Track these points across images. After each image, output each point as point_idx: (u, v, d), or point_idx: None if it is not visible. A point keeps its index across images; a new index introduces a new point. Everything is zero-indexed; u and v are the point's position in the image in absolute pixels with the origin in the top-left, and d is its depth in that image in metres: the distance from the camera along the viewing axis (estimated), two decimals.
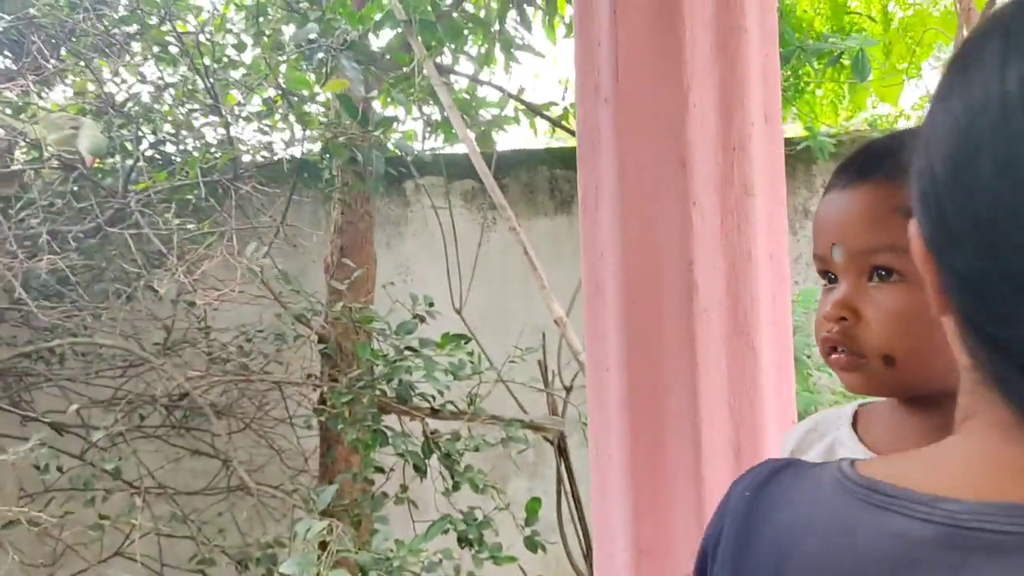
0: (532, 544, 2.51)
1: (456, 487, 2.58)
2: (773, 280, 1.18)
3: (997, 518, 0.47)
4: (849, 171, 0.83)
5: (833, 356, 0.84)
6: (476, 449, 2.58)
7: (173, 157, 2.97)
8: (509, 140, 7.18)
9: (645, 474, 1.17)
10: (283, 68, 2.97)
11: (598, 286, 1.22)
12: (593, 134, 1.22)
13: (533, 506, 2.56)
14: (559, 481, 3.26)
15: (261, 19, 3.03)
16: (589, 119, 1.23)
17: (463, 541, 2.47)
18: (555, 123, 4.19)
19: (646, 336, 1.17)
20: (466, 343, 2.59)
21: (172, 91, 2.91)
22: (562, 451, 3.27)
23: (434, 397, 2.87)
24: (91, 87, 2.87)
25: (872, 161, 0.82)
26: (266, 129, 3.10)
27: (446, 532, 2.48)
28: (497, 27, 3.50)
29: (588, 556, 3.17)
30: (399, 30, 3.16)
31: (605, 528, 1.23)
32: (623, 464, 1.19)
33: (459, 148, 4.06)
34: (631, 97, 1.17)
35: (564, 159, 3.89)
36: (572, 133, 4.63)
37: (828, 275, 0.86)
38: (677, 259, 1.15)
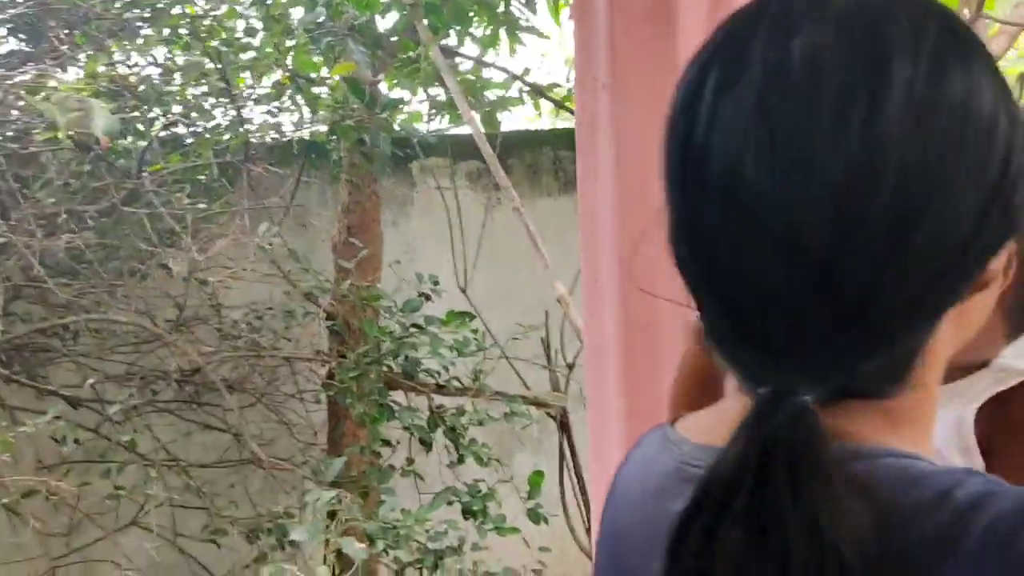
0: (535, 516, 2.59)
1: (461, 460, 2.66)
2: None
3: (698, 456, 0.56)
4: None
5: None
6: (480, 423, 2.66)
7: (186, 139, 3.04)
8: (514, 121, 7.22)
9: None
10: (292, 52, 3.03)
11: (595, 271, 1.28)
12: (592, 120, 1.28)
13: (536, 479, 2.64)
14: (561, 456, 3.34)
15: (270, 2, 3.09)
16: (588, 105, 1.29)
17: (467, 512, 2.56)
18: (559, 104, 4.24)
19: (642, 321, 1.23)
20: (471, 320, 2.66)
21: (183, 74, 2.98)
22: (564, 427, 3.35)
23: (439, 373, 2.95)
24: (103, 69, 2.93)
25: None
26: (275, 111, 3.16)
27: (451, 504, 2.56)
28: (502, 8, 3.55)
29: (590, 530, 3.25)
30: (404, 13, 3.21)
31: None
32: (622, 446, 1.26)
33: (464, 129, 4.11)
34: (629, 83, 1.23)
35: (568, 140, 3.88)
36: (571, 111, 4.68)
37: None
38: None
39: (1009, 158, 0.50)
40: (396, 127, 3.33)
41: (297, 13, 3.13)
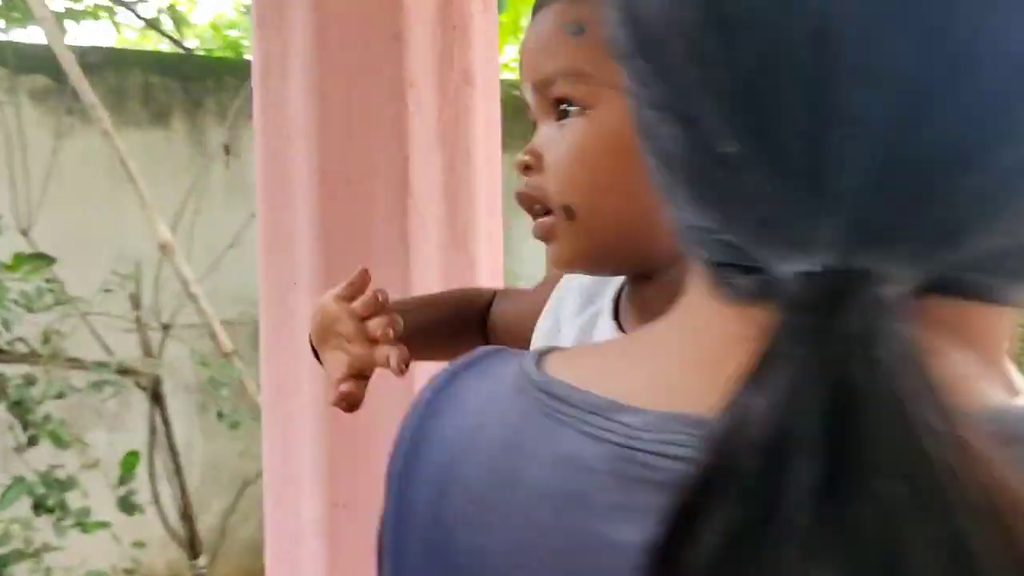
0: (127, 506, 2.15)
1: (32, 442, 2.12)
2: (489, 186, 1.03)
3: (681, 436, 0.32)
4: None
5: (536, 222, 0.69)
6: (60, 396, 2.13)
7: None
8: (92, 36, 6.25)
9: (344, 415, 0.97)
10: None
11: (284, 182, 0.98)
12: (280, 66, 0.97)
13: (130, 462, 2.19)
14: (152, 432, 2.88)
15: None
16: (269, 44, 0.97)
17: (40, 507, 2.03)
18: (150, 24, 3.67)
19: (349, 245, 0.96)
20: (47, 266, 2.11)
21: None
22: (157, 398, 2.89)
23: None
24: None
25: None
26: None
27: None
28: None
29: (186, 515, 2.85)
30: None
31: (286, 482, 1.01)
32: (317, 403, 0.97)
33: (28, 36, 3.38)
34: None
35: (163, 66, 3.40)
36: (172, 39, 4.10)
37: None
38: (390, 152, 0.96)
39: None
40: None
41: None
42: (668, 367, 0.35)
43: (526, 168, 0.68)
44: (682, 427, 0.31)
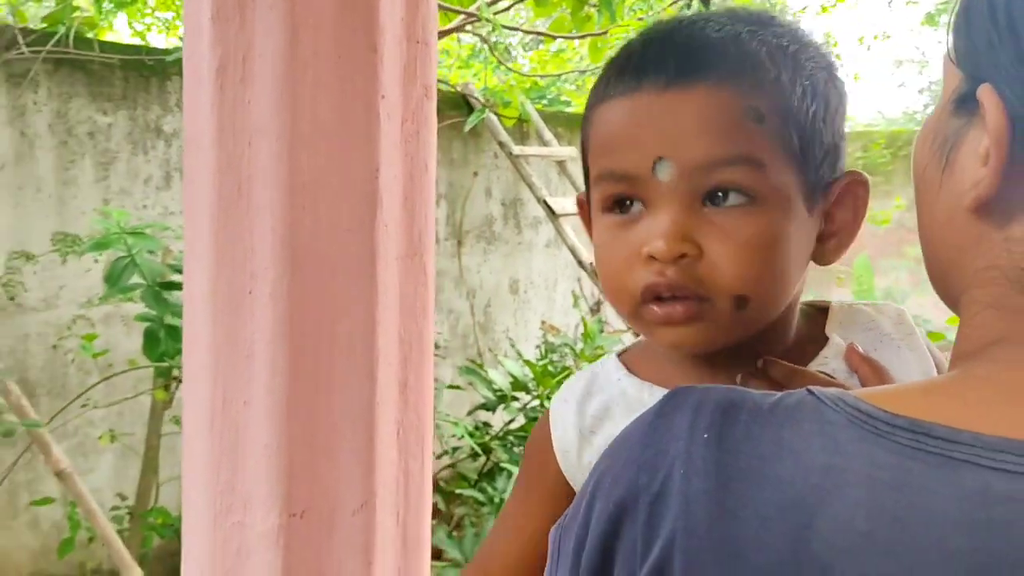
0: None
1: None
2: (430, 198, 1.07)
3: None
4: (668, 67, 0.67)
5: (658, 308, 0.67)
6: None
7: None
8: None
9: (303, 422, 0.97)
10: None
11: (240, 183, 0.95)
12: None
13: None
14: None
15: None
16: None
17: None
18: None
19: (312, 254, 0.95)
20: None
21: None
22: None
23: None
24: None
25: (700, 54, 0.68)
26: None
27: None
28: None
29: None
30: None
31: (231, 497, 0.98)
32: (271, 411, 0.96)
33: None
34: None
35: None
36: None
37: (624, 202, 0.70)
38: (361, 162, 0.96)
39: None
40: None
41: None
42: (1007, 400, 0.42)
43: (681, 257, 0.65)
44: None
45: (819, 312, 0.82)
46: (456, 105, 4.34)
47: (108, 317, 3.33)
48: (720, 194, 0.66)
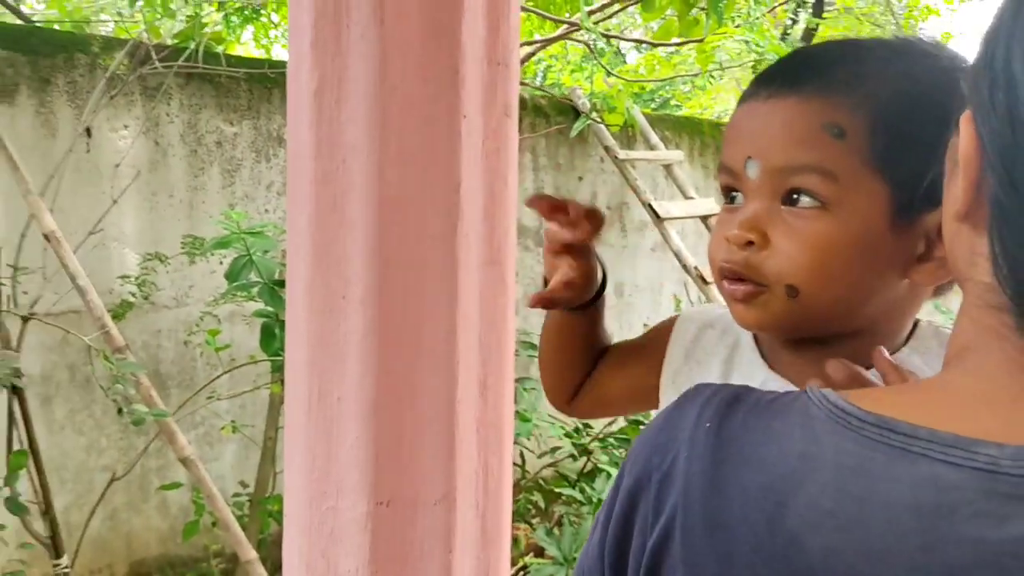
0: (17, 507, 2.05)
1: None
2: (511, 210, 1.14)
3: None
4: (776, 80, 0.76)
5: (729, 285, 0.77)
6: None
7: None
8: None
9: (390, 417, 1.04)
10: None
11: (335, 196, 1.03)
12: (338, 14, 1.02)
13: (17, 461, 2.09)
14: (10, 427, 2.71)
15: None
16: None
17: None
18: None
19: (400, 262, 1.03)
20: None
21: None
22: (17, 392, 2.73)
23: None
24: None
25: (804, 71, 0.75)
26: None
27: None
28: None
29: (47, 513, 2.71)
30: None
31: (325, 483, 1.06)
32: (361, 406, 1.04)
33: None
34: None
35: (7, 38, 3.17)
36: (11, 8, 3.79)
37: (732, 193, 0.79)
38: (444, 177, 1.03)
39: None
40: None
41: None
42: (1007, 412, 0.46)
43: (748, 244, 0.74)
44: None
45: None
46: (563, 111, 4.41)
47: (232, 314, 3.54)
48: (795, 195, 0.74)
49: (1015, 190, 0.45)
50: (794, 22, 5.91)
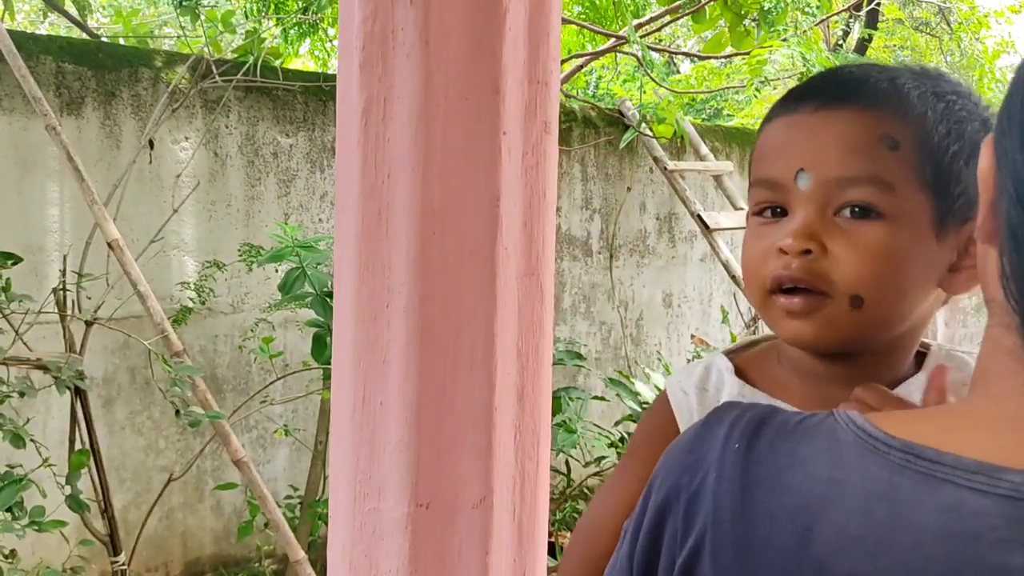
0: (78, 504, 2.14)
1: None
2: (550, 223, 1.17)
3: None
4: (821, 94, 0.76)
5: (783, 298, 0.75)
6: (22, 395, 2.09)
7: None
8: None
9: (430, 422, 1.08)
10: None
11: (380, 213, 1.08)
12: (385, 36, 1.07)
13: (79, 460, 2.17)
14: (73, 429, 2.82)
15: None
16: (381, 15, 1.07)
17: None
18: (61, 11, 3.54)
19: (444, 272, 1.07)
20: (13, 263, 2.07)
21: None
22: (80, 393, 2.83)
23: None
24: None
25: (852, 85, 0.76)
26: None
27: None
28: None
29: (107, 512, 2.81)
30: None
31: (369, 485, 1.11)
32: (403, 411, 1.08)
33: None
34: (445, 4, 1.05)
35: (75, 53, 3.30)
36: (78, 23, 3.95)
37: (773, 206, 0.79)
38: (484, 191, 1.07)
39: None
40: None
41: None
42: (1021, 434, 0.47)
43: (805, 252, 0.73)
44: None
45: (921, 353, 0.86)
46: (612, 122, 4.43)
47: (286, 321, 3.63)
48: (851, 206, 0.74)
49: (1023, 208, 0.46)
50: (846, 34, 5.84)
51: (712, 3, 3.82)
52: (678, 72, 7.16)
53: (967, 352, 0.86)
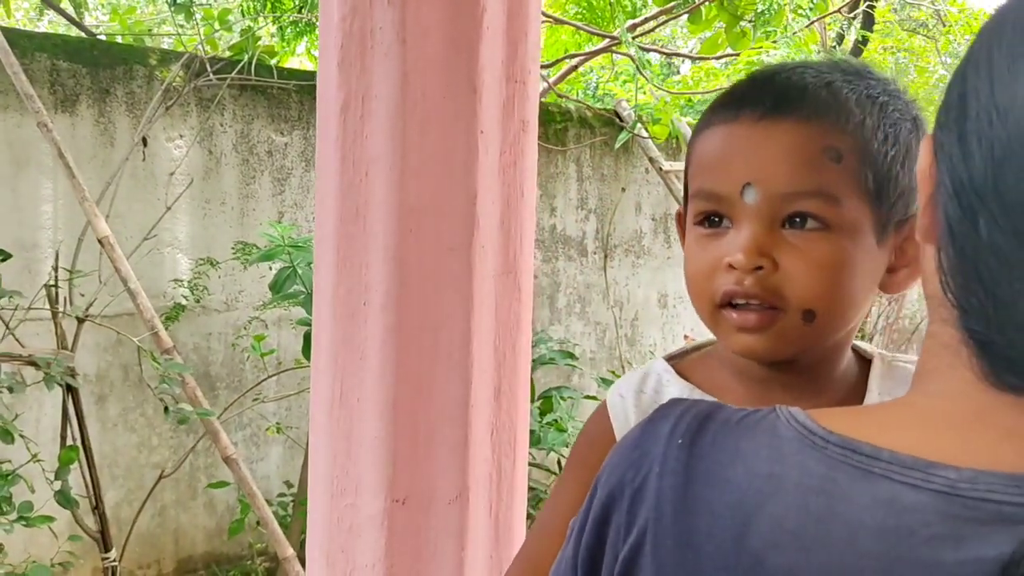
0: (67, 500, 2.14)
1: None
2: (528, 221, 1.18)
3: (998, 487, 0.45)
4: (762, 102, 0.75)
5: (735, 314, 0.75)
6: (10, 390, 2.10)
7: None
8: None
9: (407, 418, 1.09)
10: None
11: (358, 207, 1.08)
12: (363, 35, 1.07)
13: (68, 456, 2.18)
14: (64, 425, 2.82)
15: None
16: (359, 14, 1.08)
17: None
18: (58, 9, 3.54)
19: (421, 269, 1.08)
20: (3, 259, 2.08)
21: None
22: (71, 390, 2.84)
23: None
24: None
25: (792, 93, 0.75)
26: None
27: None
28: None
29: (97, 508, 2.81)
30: None
31: (345, 481, 1.11)
32: (380, 407, 1.09)
33: None
34: (422, 3, 1.06)
35: (69, 50, 3.30)
36: (75, 21, 3.95)
37: (714, 218, 0.78)
38: (461, 189, 1.08)
39: None
40: None
41: None
42: (962, 434, 0.48)
43: (756, 269, 0.73)
44: (998, 480, 0.44)
45: (863, 361, 0.86)
46: (608, 122, 4.44)
47: (280, 319, 3.63)
48: (798, 219, 0.74)
49: (959, 203, 0.47)
50: (842, 37, 5.85)
51: (709, 4, 3.82)
52: (678, 73, 7.16)
53: (909, 361, 0.86)
